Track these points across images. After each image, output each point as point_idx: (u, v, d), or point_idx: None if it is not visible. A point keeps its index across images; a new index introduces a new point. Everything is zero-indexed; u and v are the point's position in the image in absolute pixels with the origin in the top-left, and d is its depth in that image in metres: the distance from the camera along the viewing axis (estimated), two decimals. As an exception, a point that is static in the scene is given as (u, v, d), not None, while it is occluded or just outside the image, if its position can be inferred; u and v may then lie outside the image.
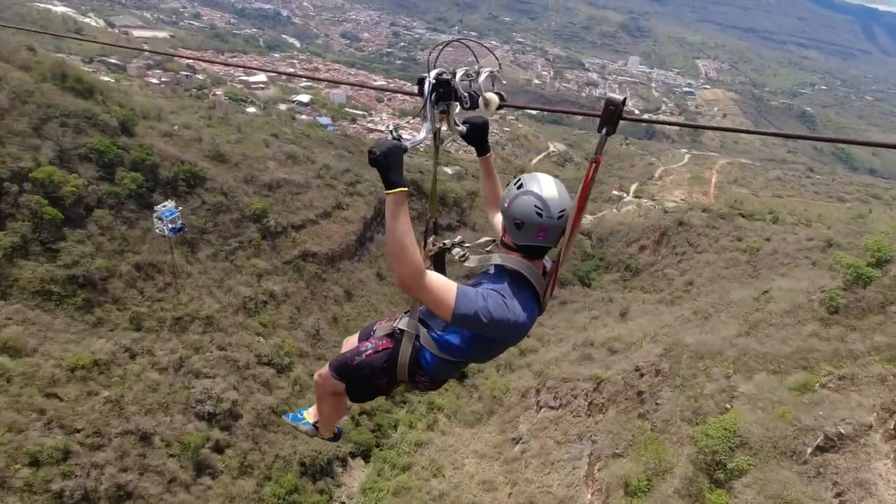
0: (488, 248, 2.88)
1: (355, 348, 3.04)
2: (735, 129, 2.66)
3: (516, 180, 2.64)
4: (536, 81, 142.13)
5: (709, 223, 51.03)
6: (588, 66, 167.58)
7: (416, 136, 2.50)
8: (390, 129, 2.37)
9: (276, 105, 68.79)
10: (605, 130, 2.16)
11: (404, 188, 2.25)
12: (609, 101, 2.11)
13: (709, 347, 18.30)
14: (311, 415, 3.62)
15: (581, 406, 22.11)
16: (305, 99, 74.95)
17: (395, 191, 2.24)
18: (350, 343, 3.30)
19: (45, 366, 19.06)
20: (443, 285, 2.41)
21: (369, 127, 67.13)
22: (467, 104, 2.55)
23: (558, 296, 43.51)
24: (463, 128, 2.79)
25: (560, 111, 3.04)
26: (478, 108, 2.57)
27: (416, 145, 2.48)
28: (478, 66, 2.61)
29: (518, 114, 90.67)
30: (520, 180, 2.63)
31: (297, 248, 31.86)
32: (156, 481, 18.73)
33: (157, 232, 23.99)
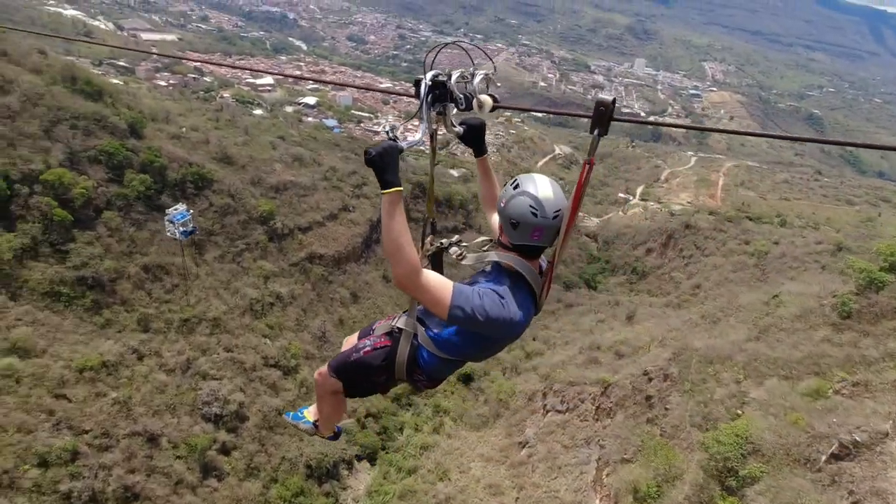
0: (485, 248, 2.89)
1: (354, 346, 3.07)
2: (731, 131, 2.61)
3: (513, 181, 2.68)
4: (542, 84, 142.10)
5: (716, 226, 50.71)
6: (594, 68, 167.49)
7: (412, 137, 2.53)
8: (386, 129, 2.42)
9: (282, 107, 69.06)
10: (598, 131, 2.19)
11: (399, 188, 2.30)
12: (599, 103, 2.14)
13: (718, 352, 18.13)
14: (312, 413, 3.65)
15: (588, 410, 21.96)
16: (312, 101, 75.22)
17: (391, 190, 2.29)
18: (350, 342, 3.33)
19: (54, 367, 19.14)
20: (439, 284, 2.44)
21: (375, 129, 67.31)
22: (462, 105, 2.58)
23: (564, 299, 43.36)
24: (460, 129, 2.83)
25: (553, 112, 3.03)
26: (472, 109, 2.60)
27: (413, 146, 2.52)
28: (473, 69, 2.64)
29: (524, 116, 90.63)
30: (516, 181, 2.67)
31: (304, 251, 31.90)
32: (163, 483, 18.74)
33: (169, 235, 24.05)
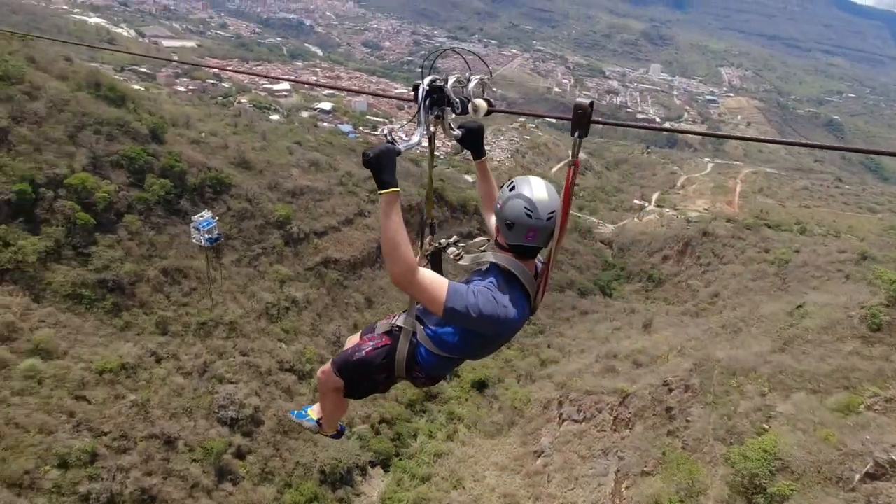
0: (483, 248, 2.94)
1: (356, 345, 3.15)
2: (730, 136, 2.51)
3: (509, 183, 2.76)
4: (556, 89, 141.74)
5: (734, 233, 49.92)
6: (608, 74, 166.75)
7: (410, 140, 2.60)
8: (384, 132, 2.46)
9: (298, 112, 69.77)
10: (578, 133, 2.26)
11: (396, 188, 2.38)
12: (577, 106, 2.21)
13: (741, 363, 17.70)
14: (315, 412, 3.73)
15: (606, 420, 21.58)
16: (327, 107, 75.92)
17: (388, 191, 2.36)
18: (353, 341, 3.38)
19: (75, 368, 19.38)
20: (435, 282, 2.50)
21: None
22: (458, 109, 2.67)
23: (579, 306, 42.97)
24: (458, 132, 2.92)
25: (537, 115, 3.06)
26: (468, 113, 2.68)
27: (410, 148, 2.58)
28: (468, 74, 2.72)
29: (538, 122, 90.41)
30: (512, 183, 2.74)
31: (319, 255, 32.05)
32: (179, 486, 18.81)
33: (194, 242, 24.23)
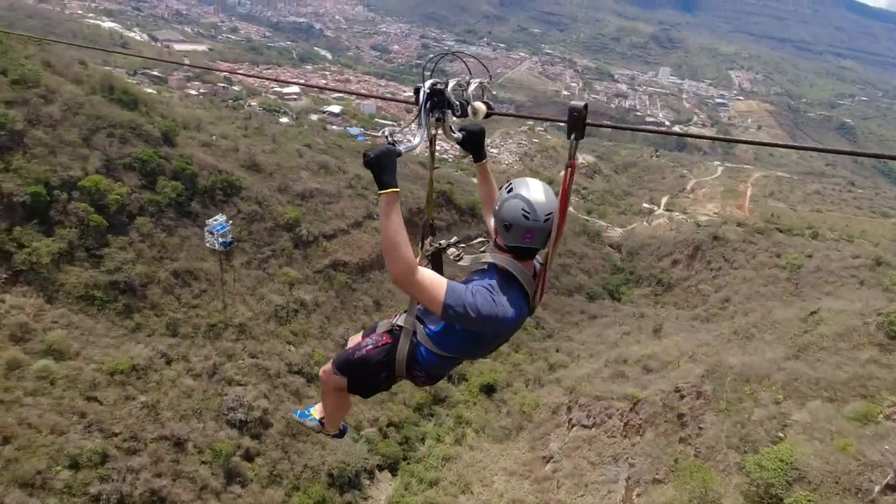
0: (482, 249, 2.98)
1: (357, 344, 3.20)
2: (732, 140, 2.47)
3: (507, 184, 2.79)
4: (565, 93, 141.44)
5: (745, 238, 49.48)
6: (617, 77, 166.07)
7: (411, 142, 2.63)
8: (386, 134, 2.52)
9: (307, 115, 70.18)
10: (574, 136, 2.31)
11: (396, 189, 2.41)
12: (572, 109, 2.26)
13: (755, 370, 17.45)
14: (318, 411, 3.80)
15: (616, 426, 21.37)
16: (336, 110, 76.30)
17: (387, 191, 2.40)
18: (355, 340, 3.43)
19: (87, 369, 19.53)
20: (434, 281, 2.53)
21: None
22: (458, 112, 2.71)
23: (587, 310, 42.73)
24: (459, 135, 2.96)
25: (534, 118, 3.07)
26: (468, 115, 2.72)
27: (411, 150, 2.61)
28: (468, 77, 2.76)
29: (546, 125, 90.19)
30: (510, 184, 2.76)
31: (328, 258, 32.12)
32: (188, 488, 18.86)
33: (208, 245, 24.37)
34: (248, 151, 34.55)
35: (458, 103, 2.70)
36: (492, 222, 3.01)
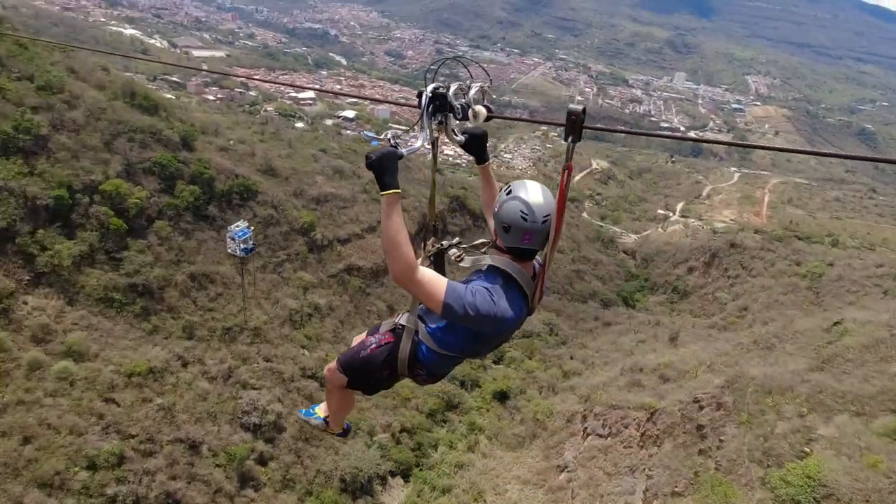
0: (483, 250, 3.02)
1: (361, 343, 3.25)
2: (747, 145, 2.27)
3: (506, 187, 2.85)
4: (579, 98, 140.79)
5: (763, 245, 48.68)
6: (632, 82, 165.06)
7: (413, 145, 2.70)
8: (388, 136, 2.58)
9: (322, 120, 70.77)
10: (571, 138, 2.32)
11: (397, 190, 2.48)
12: (571, 112, 2.28)
13: (777, 381, 17.04)
14: (322, 410, 3.87)
15: (633, 436, 21.01)
16: (351, 115, 76.86)
17: (389, 192, 2.47)
18: (358, 339, 3.46)
19: (105, 371, 19.73)
20: (434, 280, 2.58)
21: (409, 143, 68.29)
22: (459, 115, 2.75)
23: (601, 317, 42.28)
24: (461, 137, 2.99)
25: (534, 121, 3.07)
26: (468, 119, 2.77)
27: (413, 152, 2.69)
28: (469, 82, 2.81)
29: (559, 131, 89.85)
30: (509, 187, 2.82)
31: (343, 262, 32.22)
32: (202, 491, 18.91)
33: (230, 251, 24.57)
34: (264, 156, 34.87)
35: (458, 106, 2.74)
36: (493, 224, 3.06)
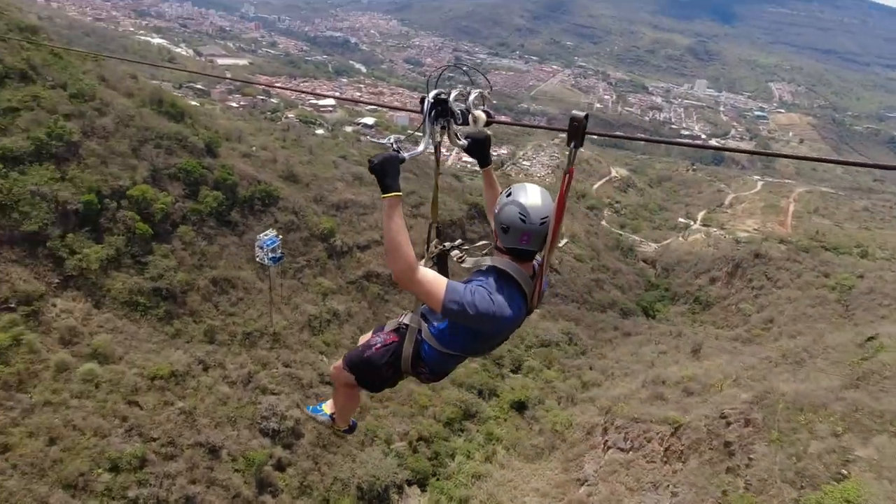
0: (485, 252, 3.11)
1: (366, 342, 3.33)
2: (768, 153, 2.11)
3: (507, 189, 2.94)
4: (598, 105, 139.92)
5: (789, 256, 47.46)
6: (652, 89, 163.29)
7: (415, 149, 2.76)
8: (391, 141, 2.66)
9: (342, 127, 71.51)
10: (574, 144, 2.37)
11: (398, 193, 2.57)
12: (573, 118, 2.32)
13: (809, 398, 16.46)
14: (329, 407, 4.00)
15: (656, 451, 20.51)
16: (370, 121, 77.50)
17: (390, 195, 2.56)
18: (364, 338, 3.54)
19: (129, 374, 19.99)
20: (434, 280, 2.65)
21: (429, 149, 68.59)
22: (460, 120, 2.84)
23: (621, 326, 41.59)
24: (464, 142, 3.07)
25: (535, 126, 3.04)
26: (469, 123, 2.84)
27: (415, 157, 2.75)
28: (469, 87, 2.90)
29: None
30: (509, 190, 2.91)
31: (362, 269, 32.33)
32: (221, 495, 18.96)
33: (258, 260, 24.79)
34: (286, 162, 35.31)
35: (458, 111, 2.82)
36: (494, 225, 3.12)
